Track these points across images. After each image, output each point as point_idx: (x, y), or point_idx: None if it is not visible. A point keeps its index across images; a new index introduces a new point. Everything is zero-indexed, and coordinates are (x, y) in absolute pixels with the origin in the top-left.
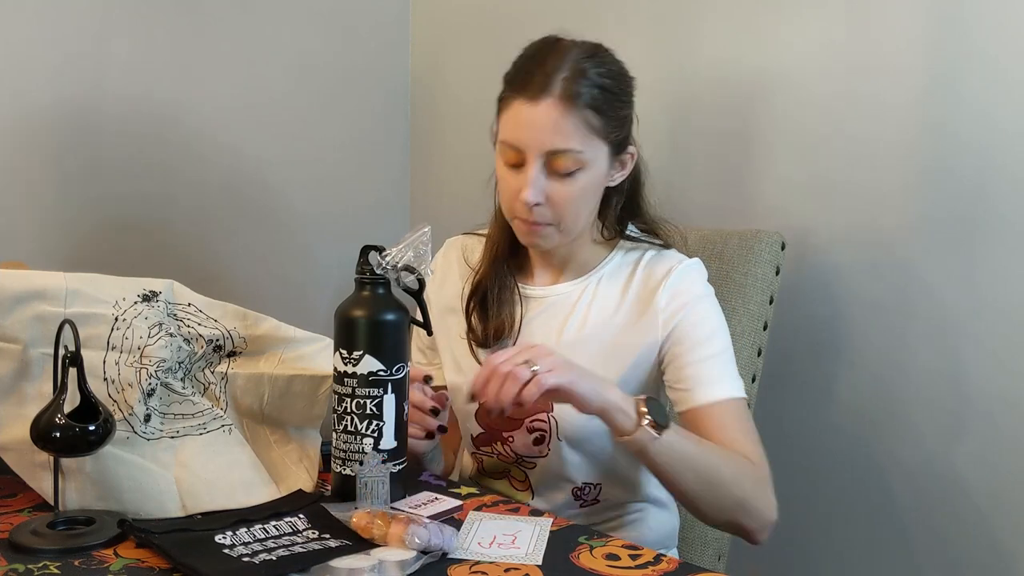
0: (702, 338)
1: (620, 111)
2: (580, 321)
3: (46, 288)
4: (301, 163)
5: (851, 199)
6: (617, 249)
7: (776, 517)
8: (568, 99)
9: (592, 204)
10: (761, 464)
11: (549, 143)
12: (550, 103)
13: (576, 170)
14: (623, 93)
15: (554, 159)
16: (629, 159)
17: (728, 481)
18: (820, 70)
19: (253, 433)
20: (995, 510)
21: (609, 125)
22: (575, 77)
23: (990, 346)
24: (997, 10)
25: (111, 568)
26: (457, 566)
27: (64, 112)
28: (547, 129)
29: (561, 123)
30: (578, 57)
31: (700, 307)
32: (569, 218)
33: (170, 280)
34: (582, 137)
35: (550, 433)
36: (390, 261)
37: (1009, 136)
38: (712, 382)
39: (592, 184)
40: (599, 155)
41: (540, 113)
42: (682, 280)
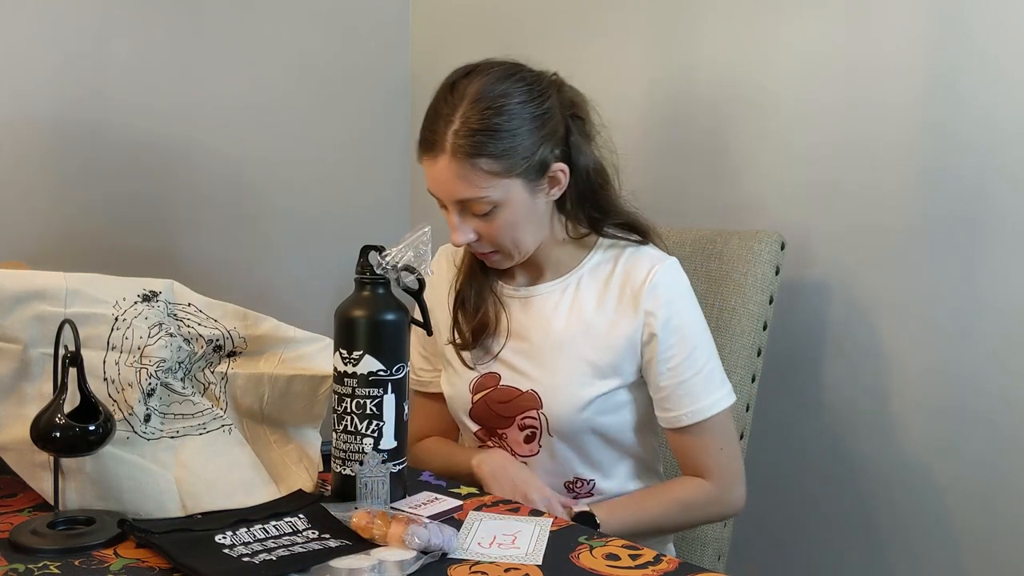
0: (685, 356)
1: (516, 140)
2: (564, 319)
3: (46, 288)
4: (301, 163)
5: (851, 199)
6: (596, 248)
7: (742, 505)
8: (459, 154)
9: (531, 226)
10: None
11: (456, 194)
12: (445, 159)
13: (492, 209)
14: (520, 126)
15: (467, 205)
16: (561, 174)
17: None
18: (820, 70)
19: (253, 433)
20: (995, 510)
21: (508, 161)
22: (463, 130)
23: (990, 345)
24: (997, 10)
25: (111, 568)
26: (457, 566)
27: (64, 112)
28: (447, 183)
29: (459, 176)
30: (469, 103)
31: (681, 316)
32: (508, 245)
33: (170, 280)
34: (484, 183)
35: (540, 430)
36: (390, 261)
37: (1009, 135)
38: (689, 404)
39: (517, 214)
40: (511, 190)
41: (440, 169)
42: (663, 282)
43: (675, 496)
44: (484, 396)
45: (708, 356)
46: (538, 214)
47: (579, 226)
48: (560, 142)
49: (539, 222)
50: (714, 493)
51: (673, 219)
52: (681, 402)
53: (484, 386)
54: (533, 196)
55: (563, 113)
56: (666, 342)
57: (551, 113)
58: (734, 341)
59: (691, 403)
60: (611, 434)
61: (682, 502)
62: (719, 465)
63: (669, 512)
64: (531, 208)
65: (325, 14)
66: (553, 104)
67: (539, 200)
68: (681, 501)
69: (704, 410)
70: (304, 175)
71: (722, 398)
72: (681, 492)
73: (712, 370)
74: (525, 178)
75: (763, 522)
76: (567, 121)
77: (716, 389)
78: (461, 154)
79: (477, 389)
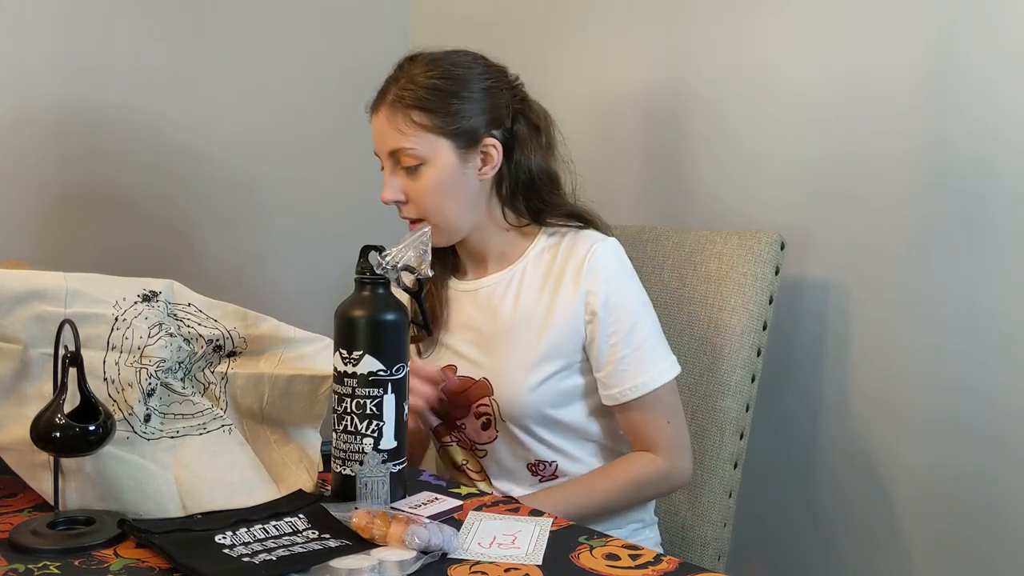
0: (625, 332)
1: (454, 105)
2: (511, 307)
3: (46, 288)
4: (301, 163)
5: (851, 199)
6: (539, 236)
7: (688, 478)
8: (395, 103)
9: (459, 199)
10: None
11: (388, 144)
12: (383, 110)
13: (418, 165)
14: (460, 90)
15: (397, 157)
16: (493, 150)
17: (630, 496)
18: (820, 71)
19: (253, 433)
20: (996, 511)
21: (440, 119)
22: (404, 84)
23: (990, 345)
24: (995, 25)
25: (111, 568)
26: (457, 566)
27: (65, 112)
28: (383, 133)
29: (391, 124)
30: (416, 67)
31: (619, 296)
32: (434, 213)
33: (170, 280)
34: (413, 134)
35: (494, 416)
36: (390, 261)
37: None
38: (632, 379)
39: (443, 177)
40: (438, 149)
41: (379, 121)
42: (602, 261)
43: (627, 476)
44: (442, 388)
45: (649, 331)
46: (468, 189)
47: (520, 216)
48: (498, 125)
49: (469, 199)
50: (664, 468)
51: (673, 219)
52: (623, 377)
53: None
54: (463, 166)
55: (510, 105)
56: (607, 319)
57: (496, 97)
58: (734, 341)
59: (633, 377)
60: (567, 422)
61: (635, 481)
62: (668, 439)
63: (623, 492)
64: (460, 178)
65: (325, 15)
66: (501, 92)
67: (469, 173)
68: (634, 480)
69: (647, 384)
70: (304, 175)
71: (665, 371)
72: (633, 471)
73: (654, 345)
74: (455, 142)
75: (763, 522)
76: (514, 114)
77: (658, 362)
78: (398, 104)
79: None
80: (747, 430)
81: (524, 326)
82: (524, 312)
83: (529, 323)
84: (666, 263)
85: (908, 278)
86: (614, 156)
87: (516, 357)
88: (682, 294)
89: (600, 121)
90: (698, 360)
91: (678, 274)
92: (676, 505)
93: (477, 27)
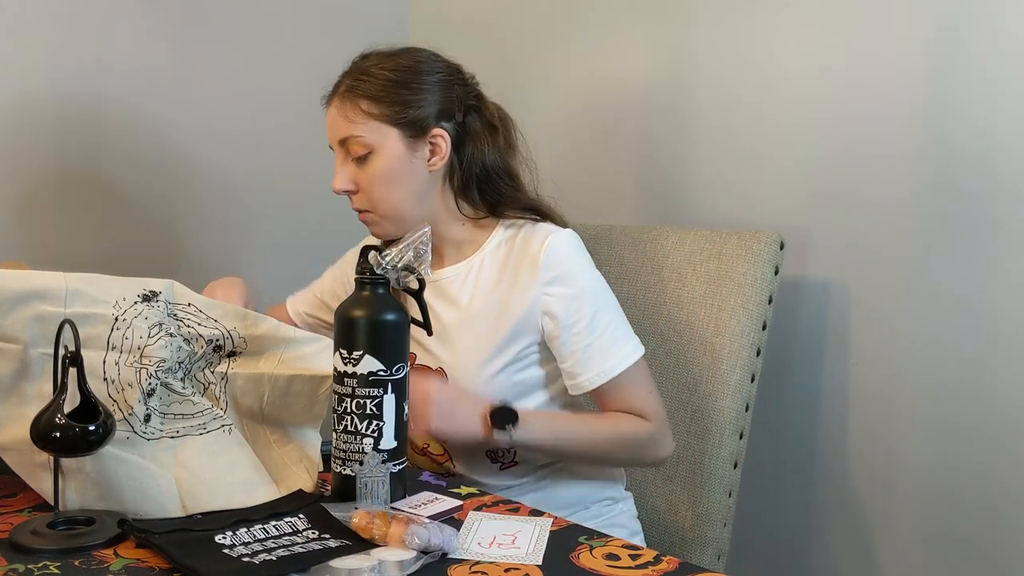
0: (588, 320)
1: (403, 96)
2: (468, 298)
3: (46, 288)
4: (302, 163)
5: (851, 199)
6: (497, 228)
7: (672, 452)
8: (345, 94)
9: (404, 187)
10: (651, 416)
11: (338, 133)
12: (335, 102)
13: (367, 154)
14: (410, 81)
15: (347, 146)
16: (441, 140)
17: (614, 450)
18: (821, 70)
19: (253, 433)
20: (995, 511)
21: (389, 108)
22: (355, 77)
23: (990, 345)
24: (996, 25)
25: (111, 568)
26: (457, 566)
27: (65, 112)
28: (334, 122)
29: (340, 113)
30: (368, 61)
31: (579, 282)
32: (382, 203)
33: (170, 280)
34: (362, 122)
35: None
36: (390, 261)
37: (1006, 135)
38: (600, 364)
39: (390, 166)
40: (386, 137)
41: (331, 113)
42: (558, 251)
43: (622, 429)
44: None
45: (611, 316)
46: (416, 179)
47: (476, 208)
48: (448, 117)
49: (418, 189)
50: (655, 434)
51: (673, 219)
52: (589, 365)
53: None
54: (411, 155)
55: (463, 100)
56: (568, 310)
57: (447, 90)
58: (734, 341)
59: (600, 363)
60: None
61: (625, 436)
62: (654, 409)
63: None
64: (408, 168)
65: (324, 14)
66: (453, 87)
67: (418, 163)
68: (624, 435)
69: (614, 367)
70: (305, 175)
71: (629, 354)
72: (627, 426)
73: (616, 329)
74: (403, 131)
75: (763, 522)
76: (466, 109)
77: (622, 346)
78: (348, 94)
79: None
80: (747, 430)
81: (481, 318)
82: (481, 304)
83: (485, 315)
84: (666, 263)
85: (908, 278)
86: (614, 156)
87: (472, 348)
88: (682, 294)
89: (600, 121)
90: (698, 360)
91: (678, 274)
92: (676, 505)
93: (477, 27)
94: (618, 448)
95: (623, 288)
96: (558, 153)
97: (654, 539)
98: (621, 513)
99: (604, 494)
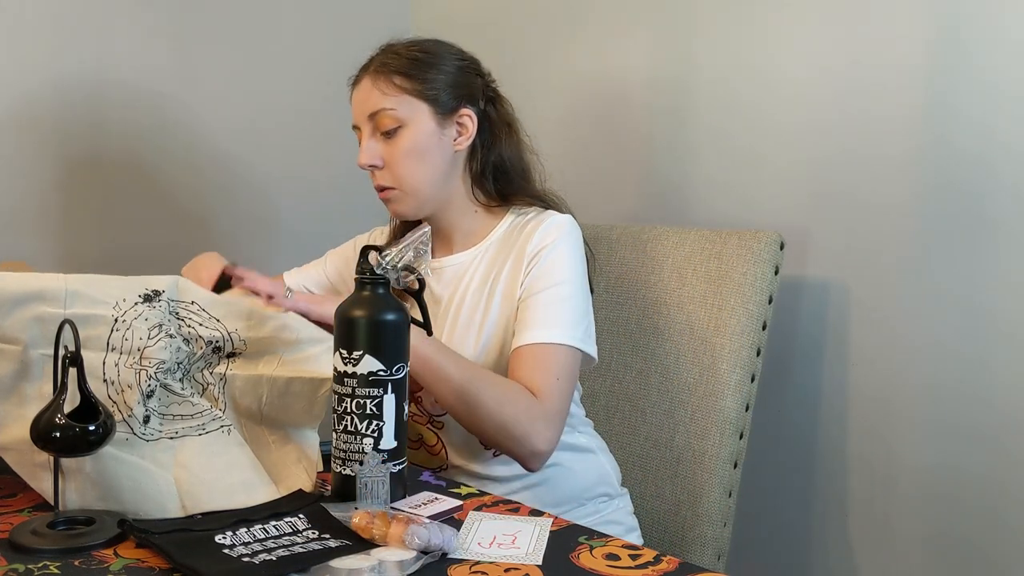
0: (547, 284)
1: (432, 73)
2: (477, 284)
3: (46, 290)
4: (302, 163)
5: (851, 199)
6: (508, 215)
7: (547, 448)
8: (377, 70)
9: (430, 164)
10: (545, 398)
11: (368, 106)
12: (365, 79)
13: (397, 127)
14: (438, 63)
15: (376, 121)
16: (468, 120)
17: (489, 403)
18: (821, 70)
19: (252, 434)
20: (995, 512)
21: (420, 84)
22: (385, 55)
23: (990, 345)
24: (996, 24)
25: (111, 568)
26: (457, 566)
27: (66, 111)
28: (364, 99)
29: (373, 89)
30: (397, 45)
31: (555, 253)
32: (407, 177)
33: (175, 276)
34: (394, 96)
35: None
36: (390, 261)
37: (1006, 136)
38: (533, 327)
39: (419, 140)
40: (417, 112)
41: (360, 90)
42: (548, 228)
43: (504, 385)
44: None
45: (567, 299)
46: (442, 157)
47: (489, 197)
48: (474, 101)
49: (442, 168)
50: (537, 414)
51: (673, 219)
52: (525, 325)
53: None
54: (439, 132)
55: (484, 89)
56: (535, 274)
57: (471, 78)
58: (734, 341)
59: (536, 327)
60: None
61: (505, 393)
62: (551, 391)
63: (491, 393)
64: (436, 144)
65: (325, 14)
66: (476, 76)
67: (445, 141)
68: (505, 392)
69: (544, 336)
70: (305, 175)
71: (567, 336)
72: (511, 387)
73: (566, 310)
74: (433, 107)
75: (763, 522)
76: (487, 99)
77: (565, 327)
78: (381, 71)
79: None
80: (747, 430)
81: (482, 302)
82: (490, 288)
83: (486, 299)
84: (666, 263)
85: (908, 278)
86: (614, 156)
87: (470, 332)
88: (682, 294)
89: (600, 121)
90: (698, 360)
91: (678, 274)
92: (676, 505)
93: (477, 27)
94: (491, 400)
95: (623, 288)
96: (558, 153)
97: (654, 539)
98: (617, 510)
99: (599, 490)
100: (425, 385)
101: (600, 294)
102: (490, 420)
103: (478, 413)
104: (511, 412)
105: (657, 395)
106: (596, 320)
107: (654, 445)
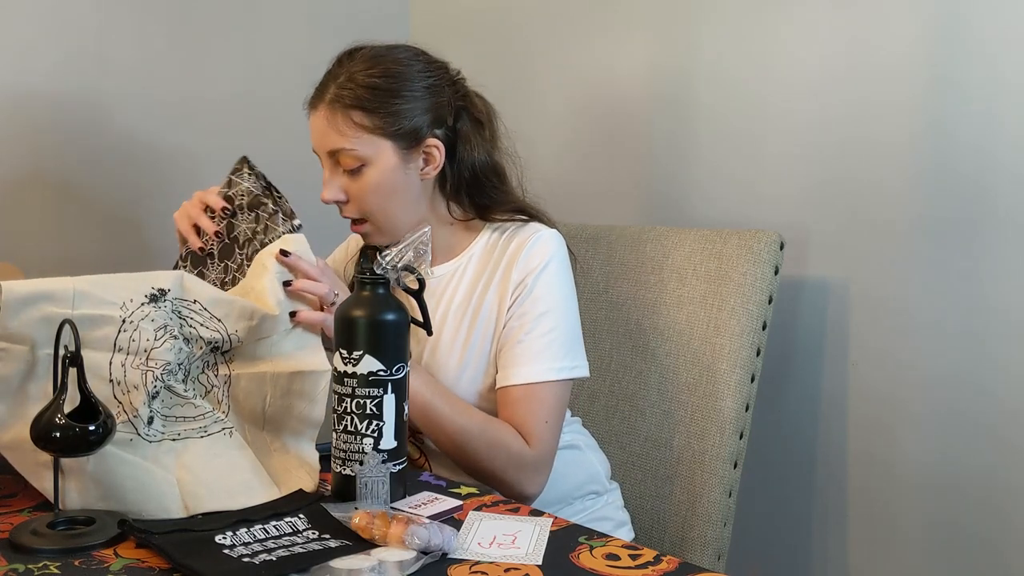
0: (535, 314)
1: (395, 103)
2: (451, 298)
3: (53, 291)
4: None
5: (851, 199)
6: (485, 230)
7: (535, 492)
8: (334, 102)
9: (401, 200)
10: (535, 443)
11: (327, 144)
12: (322, 109)
13: (360, 166)
14: (401, 89)
15: (338, 158)
16: (435, 151)
17: (480, 450)
18: (820, 70)
19: (254, 438)
20: (997, 511)
21: (381, 120)
22: (344, 83)
23: (990, 345)
24: (996, 12)
25: (111, 568)
26: (457, 566)
27: (64, 112)
28: (322, 132)
29: (331, 124)
30: (355, 64)
31: (543, 279)
32: (376, 213)
33: (181, 272)
34: (354, 135)
35: None
36: (390, 261)
37: (1009, 131)
38: (522, 364)
39: (385, 179)
40: (380, 149)
41: (317, 119)
42: (533, 249)
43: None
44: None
45: (556, 325)
46: (410, 189)
47: (465, 211)
48: (441, 124)
49: (411, 198)
50: (528, 461)
51: (673, 219)
52: (510, 362)
53: None
54: (405, 166)
55: (452, 102)
56: (522, 300)
57: (438, 95)
58: (734, 341)
59: (524, 364)
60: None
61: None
62: (541, 436)
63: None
64: (402, 179)
65: (324, 14)
66: (443, 90)
67: (411, 174)
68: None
69: (529, 375)
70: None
71: (557, 370)
72: (503, 431)
73: (553, 341)
74: (396, 143)
75: (763, 522)
76: (456, 111)
77: (552, 360)
78: (338, 104)
79: None
80: (747, 430)
81: (465, 322)
82: (467, 302)
83: (469, 319)
84: (666, 263)
85: (908, 277)
86: (614, 156)
87: (450, 347)
88: (682, 294)
89: (600, 121)
90: (698, 360)
91: (678, 274)
92: (676, 505)
93: (477, 27)
94: (482, 447)
95: (623, 288)
96: (558, 153)
97: (654, 539)
98: (606, 505)
99: (586, 489)
100: (420, 428)
101: (600, 294)
102: (479, 466)
103: (470, 458)
104: (501, 462)
105: (657, 395)
106: (596, 320)
107: (654, 445)
